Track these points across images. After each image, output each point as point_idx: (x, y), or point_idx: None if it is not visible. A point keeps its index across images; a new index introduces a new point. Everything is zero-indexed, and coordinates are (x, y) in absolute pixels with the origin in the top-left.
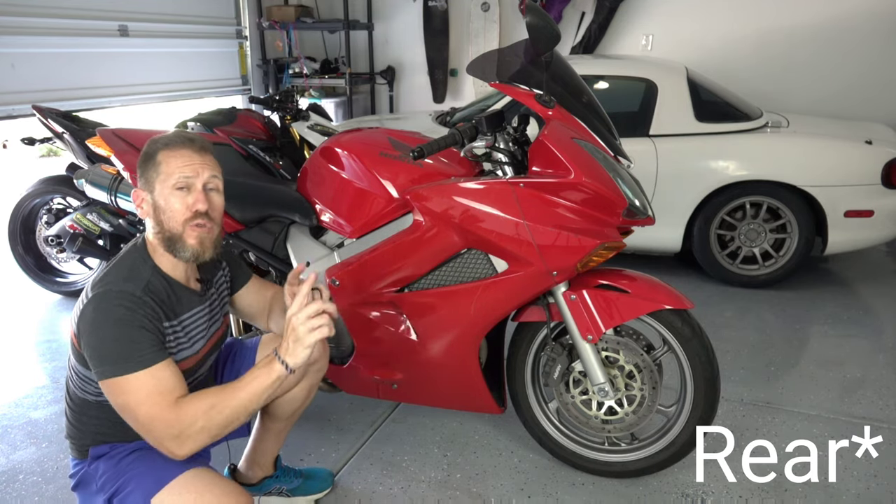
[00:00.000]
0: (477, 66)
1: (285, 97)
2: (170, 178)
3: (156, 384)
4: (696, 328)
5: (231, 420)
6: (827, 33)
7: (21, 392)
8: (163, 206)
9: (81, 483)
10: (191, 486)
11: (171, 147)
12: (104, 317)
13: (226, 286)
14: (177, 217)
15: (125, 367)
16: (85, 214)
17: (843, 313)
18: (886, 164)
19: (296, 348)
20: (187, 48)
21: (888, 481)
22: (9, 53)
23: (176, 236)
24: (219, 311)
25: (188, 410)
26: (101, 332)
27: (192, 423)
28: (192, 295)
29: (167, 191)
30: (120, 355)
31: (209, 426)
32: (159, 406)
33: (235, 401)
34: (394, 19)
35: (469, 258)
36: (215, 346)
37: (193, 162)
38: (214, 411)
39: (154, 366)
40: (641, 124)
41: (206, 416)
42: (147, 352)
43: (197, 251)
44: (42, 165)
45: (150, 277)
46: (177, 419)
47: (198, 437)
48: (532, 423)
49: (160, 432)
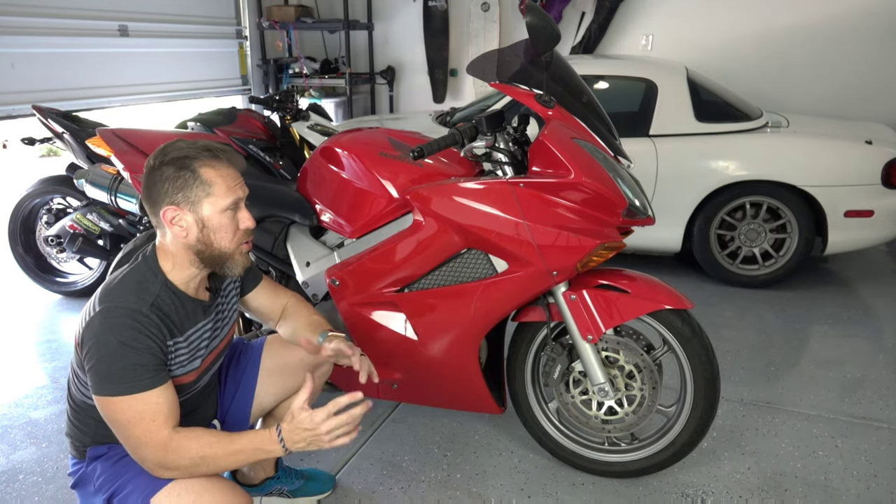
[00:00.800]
0: (477, 66)
1: (285, 97)
2: (223, 199)
3: (150, 410)
4: (696, 328)
5: (211, 472)
6: (827, 33)
7: (21, 392)
8: (215, 226)
9: (80, 483)
10: (190, 487)
11: (215, 165)
12: (108, 335)
13: (235, 291)
14: (229, 237)
15: (122, 389)
16: (85, 214)
17: (843, 313)
18: (886, 164)
19: (308, 446)
20: (187, 48)
21: (888, 481)
22: (9, 53)
23: (227, 255)
24: (225, 319)
25: (178, 450)
26: (103, 351)
27: (177, 461)
28: (199, 307)
29: (218, 212)
30: (118, 377)
31: (193, 471)
32: (150, 433)
33: (224, 461)
34: (394, 19)
35: (469, 258)
36: (219, 356)
37: (239, 181)
38: (202, 462)
39: (151, 391)
40: (641, 124)
41: (191, 463)
42: (146, 377)
43: (245, 264)
44: (42, 165)
45: (158, 292)
46: (164, 452)
47: (177, 473)
48: (532, 423)
49: (147, 456)
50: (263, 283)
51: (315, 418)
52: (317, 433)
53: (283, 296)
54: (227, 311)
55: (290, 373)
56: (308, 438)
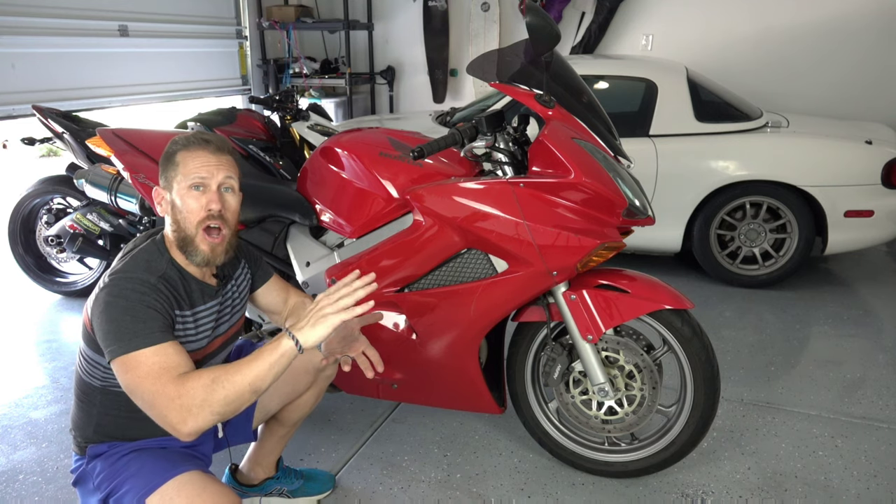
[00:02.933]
0: (477, 66)
1: (285, 97)
2: (186, 178)
3: (160, 360)
4: (696, 328)
5: (233, 396)
6: (827, 33)
7: (21, 392)
8: (179, 205)
9: (80, 480)
10: (182, 490)
11: (189, 148)
12: (116, 299)
13: (246, 284)
14: (191, 217)
15: (132, 344)
16: (85, 214)
17: (843, 313)
18: (886, 164)
19: (315, 326)
20: (187, 48)
21: (888, 481)
22: (9, 53)
23: (189, 238)
24: (233, 308)
25: (190, 384)
26: (112, 312)
27: (193, 396)
28: (207, 290)
29: (183, 191)
30: (128, 332)
31: (210, 401)
32: (162, 381)
33: (239, 375)
34: (394, 19)
35: (469, 258)
36: (227, 341)
37: (209, 163)
38: (217, 385)
39: (160, 344)
40: (641, 124)
41: (207, 390)
42: (155, 330)
43: (208, 257)
44: (42, 165)
45: (166, 269)
46: (177, 393)
47: (200, 414)
48: (532, 423)
49: (162, 407)
50: (273, 280)
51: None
52: (319, 307)
53: (292, 294)
54: (235, 301)
55: (296, 377)
56: (312, 317)
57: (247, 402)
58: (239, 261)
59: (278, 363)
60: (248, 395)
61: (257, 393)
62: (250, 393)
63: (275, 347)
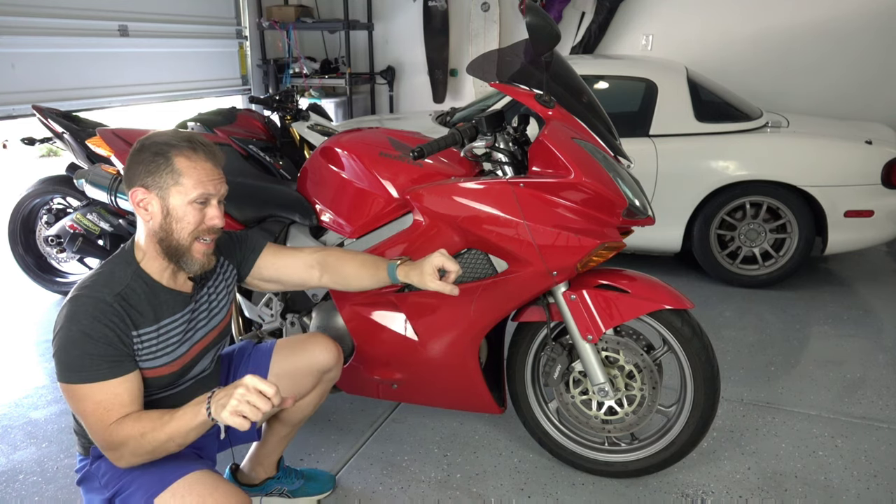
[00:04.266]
0: (477, 66)
1: (285, 97)
2: (191, 191)
3: (102, 399)
4: (696, 328)
5: (158, 449)
6: (827, 33)
7: (21, 392)
8: (178, 216)
9: (85, 479)
10: (193, 489)
11: (190, 157)
12: (70, 323)
13: (226, 283)
14: (189, 229)
15: (77, 377)
16: (85, 214)
17: (843, 313)
18: (886, 164)
19: (224, 409)
20: (187, 48)
21: (888, 481)
22: (9, 53)
23: (183, 248)
24: (209, 313)
25: (121, 432)
26: (64, 339)
27: (123, 444)
28: (178, 298)
29: (185, 202)
30: (76, 365)
31: (138, 452)
32: (100, 422)
33: (163, 435)
34: (394, 19)
35: (469, 258)
36: (210, 345)
37: (214, 176)
38: (144, 439)
39: (108, 381)
40: (641, 124)
41: (136, 442)
42: (102, 367)
43: (203, 265)
44: (42, 165)
45: (129, 282)
46: (110, 438)
47: (130, 458)
48: (532, 423)
49: (98, 441)
50: (269, 249)
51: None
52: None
53: (306, 253)
54: (212, 304)
55: (299, 378)
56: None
57: (174, 451)
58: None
59: (195, 429)
60: (173, 448)
61: (182, 445)
62: (175, 446)
63: (193, 414)
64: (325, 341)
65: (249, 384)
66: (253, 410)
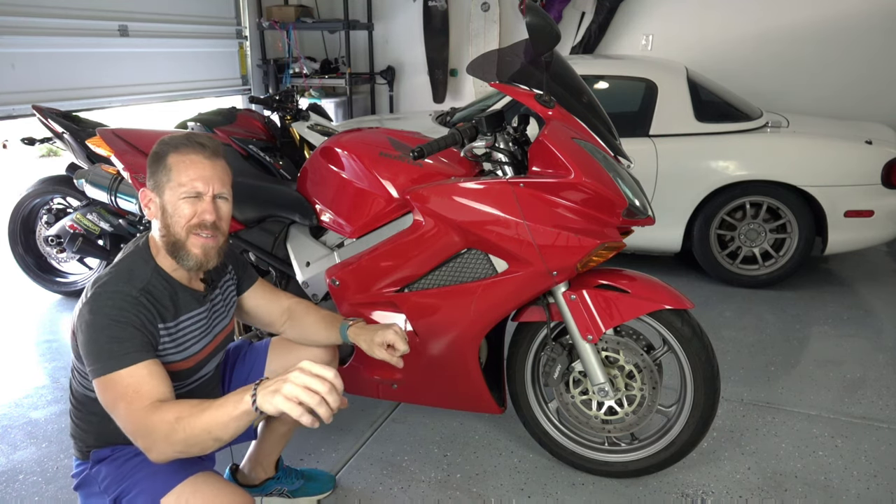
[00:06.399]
0: (477, 66)
1: (285, 97)
2: (180, 187)
3: (134, 384)
4: (696, 328)
5: (193, 440)
6: (827, 33)
7: (21, 392)
8: (170, 211)
9: (83, 484)
10: (198, 491)
11: (182, 152)
12: (96, 316)
13: (232, 289)
14: (182, 221)
15: (108, 366)
16: (85, 214)
17: (843, 313)
18: (886, 164)
19: (273, 396)
20: (187, 48)
21: (888, 481)
22: (9, 53)
23: (180, 243)
24: (222, 313)
25: (156, 417)
26: (92, 331)
27: (157, 429)
28: (194, 296)
29: (176, 198)
30: (104, 353)
31: (172, 439)
32: (133, 407)
33: (200, 420)
34: (394, 19)
35: (469, 258)
36: (218, 347)
37: (205, 173)
38: (179, 425)
39: (137, 364)
40: (641, 124)
41: (169, 427)
42: (132, 350)
43: (200, 261)
44: (42, 165)
45: (150, 278)
46: (144, 423)
47: (162, 448)
48: (532, 423)
49: (132, 431)
50: (258, 285)
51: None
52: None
53: (283, 298)
54: (224, 305)
55: None
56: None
57: (208, 448)
58: (226, 266)
59: (237, 418)
60: (209, 442)
61: (219, 441)
62: (211, 440)
63: (236, 402)
64: None
65: (306, 367)
66: (311, 395)
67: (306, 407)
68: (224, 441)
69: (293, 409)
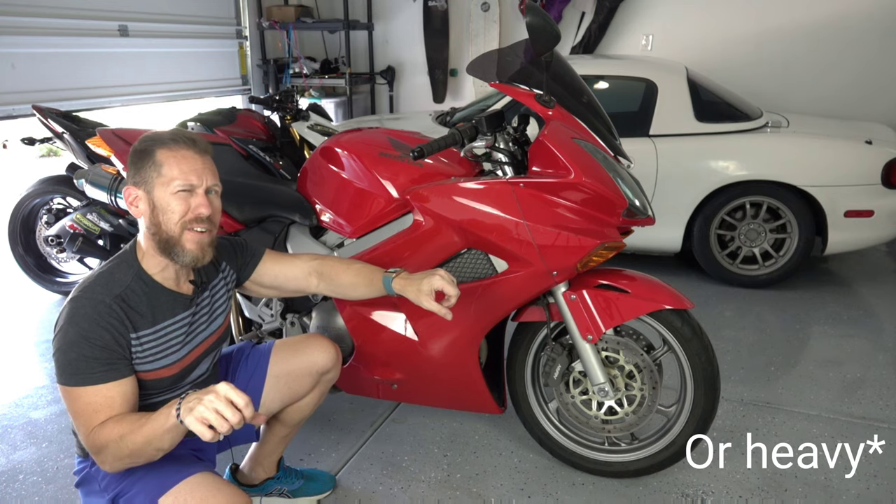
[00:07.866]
0: (477, 66)
1: (285, 97)
2: (172, 182)
3: (95, 402)
4: (696, 328)
5: (137, 452)
6: (827, 33)
7: (21, 392)
8: (162, 207)
9: (84, 482)
10: (195, 492)
11: (171, 147)
12: (69, 325)
13: (225, 287)
14: (175, 218)
15: (75, 381)
16: (85, 214)
17: (843, 313)
18: (886, 164)
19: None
20: (187, 48)
21: (888, 481)
22: (9, 53)
23: (173, 240)
24: (209, 317)
25: (103, 435)
26: (62, 340)
27: (105, 446)
28: (178, 301)
29: (168, 194)
30: (71, 367)
31: (119, 454)
32: (87, 423)
33: (140, 438)
34: (394, 19)
35: (469, 258)
36: (208, 350)
37: (196, 167)
38: (123, 442)
39: (102, 385)
40: (641, 124)
41: (115, 445)
42: (98, 370)
43: (196, 256)
44: (42, 165)
45: (129, 283)
46: (94, 440)
47: (113, 462)
48: (532, 423)
49: (85, 443)
50: (268, 256)
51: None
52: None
53: (301, 260)
54: (212, 308)
55: (297, 378)
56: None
57: (154, 456)
58: (218, 264)
59: (168, 431)
60: (152, 452)
61: (161, 450)
62: (153, 451)
63: (167, 415)
64: (323, 342)
65: (221, 391)
66: (219, 420)
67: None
68: (166, 449)
69: (204, 433)
